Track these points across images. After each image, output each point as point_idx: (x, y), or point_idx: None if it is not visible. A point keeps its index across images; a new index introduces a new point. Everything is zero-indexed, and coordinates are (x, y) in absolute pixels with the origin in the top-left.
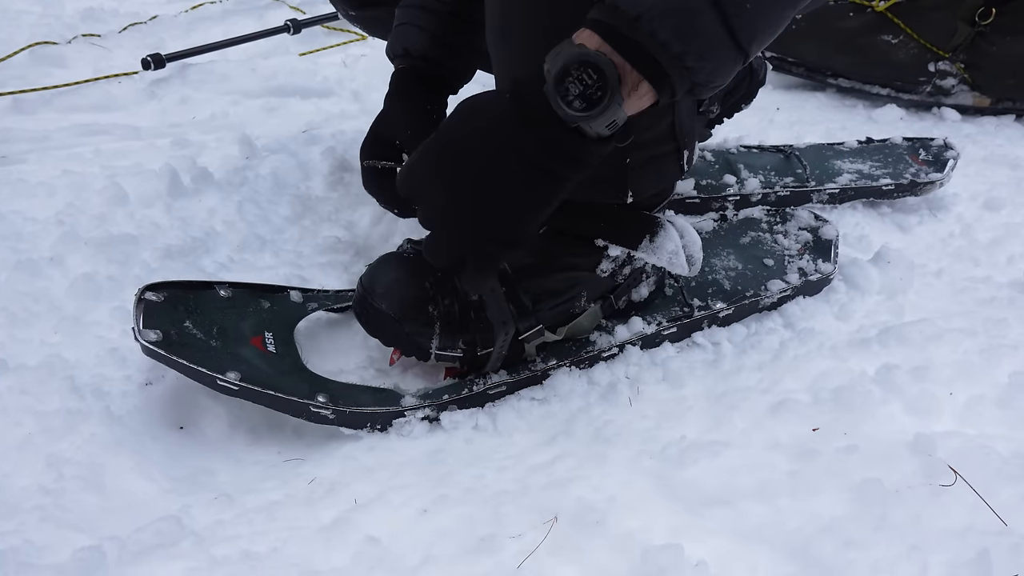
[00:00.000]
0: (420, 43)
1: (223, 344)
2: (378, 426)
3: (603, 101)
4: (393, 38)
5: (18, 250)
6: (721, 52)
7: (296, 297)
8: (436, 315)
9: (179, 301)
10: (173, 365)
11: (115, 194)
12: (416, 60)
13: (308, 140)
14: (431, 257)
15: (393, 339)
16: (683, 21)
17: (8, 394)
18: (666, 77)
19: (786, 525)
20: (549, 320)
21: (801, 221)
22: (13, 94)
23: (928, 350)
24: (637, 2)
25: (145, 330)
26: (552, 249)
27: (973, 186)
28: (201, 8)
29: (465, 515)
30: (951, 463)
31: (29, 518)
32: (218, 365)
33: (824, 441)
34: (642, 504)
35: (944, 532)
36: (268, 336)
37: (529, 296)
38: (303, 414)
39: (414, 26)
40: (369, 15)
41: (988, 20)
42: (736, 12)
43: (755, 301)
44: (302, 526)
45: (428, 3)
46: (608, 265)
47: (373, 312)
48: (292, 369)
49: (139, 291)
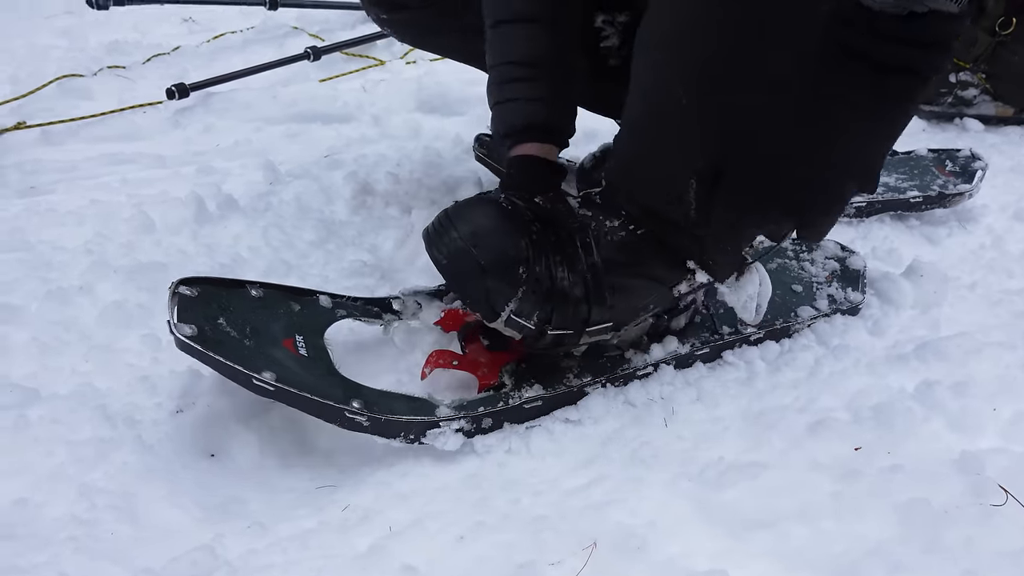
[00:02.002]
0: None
1: (256, 344)
2: (411, 436)
3: None
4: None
5: (48, 279)
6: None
7: (325, 302)
8: (524, 279)
9: (212, 298)
10: (209, 362)
11: (142, 222)
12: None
13: (330, 165)
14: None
15: (465, 285)
16: None
17: (40, 423)
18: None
19: (831, 548)
20: (617, 319)
21: (827, 251)
22: (42, 126)
23: (968, 365)
24: None
25: (180, 324)
26: (647, 254)
27: (1002, 197)
28: (223, 38)
29: (503, 542)
30: (1000, 482)
31: (63, 549)
32: (254, 364)
33: (866, 461)
34: (682, 528)
35: (998, 554)
36: (299, 339)
37: (609, 290)
38: (337, 419)
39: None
40: (400, 18)
41: (1009, 30)
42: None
43: (786, 327)
44: (337, 554)
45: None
46: (685, 287)
47: (459, 251)
48: (325, 373)
49: (173, 284)
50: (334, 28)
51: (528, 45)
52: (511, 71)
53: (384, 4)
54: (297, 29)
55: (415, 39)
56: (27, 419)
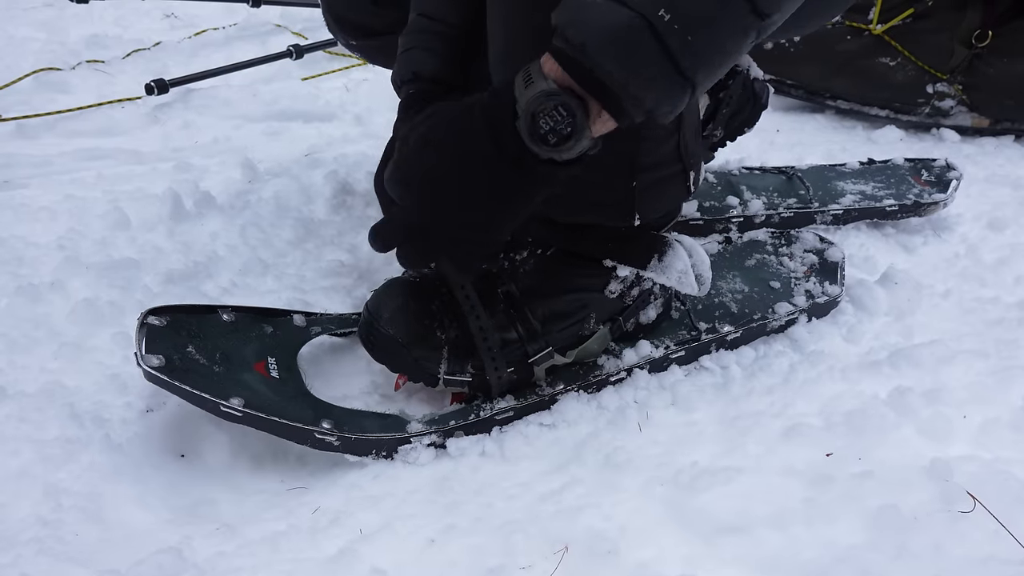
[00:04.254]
0: (431, 65)
1: (226, 369)
2: (383, 453)
3: (572, 137)
4: (400, 64)
5: (19, 275)
6: (665, 82)
7: (299, 321)
8: (444, 340)
9: (182, 326)
10: (176, 391)
11: (117, 219)
12: (426, 83)
13: (310, 164)
14: (404, 260)
15: (400, 365)
16: (623, 51)
17: (6, 422)
18: (620, 105)
19: (802, 554)
20: (559, 343)
21: (806, 243)
22: (17, 120)
23: (940, 372)
24: (582, 30)
25: (148, 355)
26: (561, 270)
27: (976, 206)
28: (204, 35)
29: (474, 545)
30: (969, 488)
31: (26, 551)
32: (222, 391)
33: (838, 466)
34: (655, 533)
35: (965, 560)
36: (271, 361)
37: (538, 318)
38: (308, 441)
39: (423, 49)
40: (371, 44)
41: (985, 42)
42: (676, 43)
43: (763, 324)
44: (306, 558)
45: (435, 26)
46: (617, 286)
47: (380, 338)
48: (296, 395)
49: (141, 315)
50: (317, 27)
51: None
52: (415, 23)
53: (351, 31)
54: (280, 27)
55: (386, 63)
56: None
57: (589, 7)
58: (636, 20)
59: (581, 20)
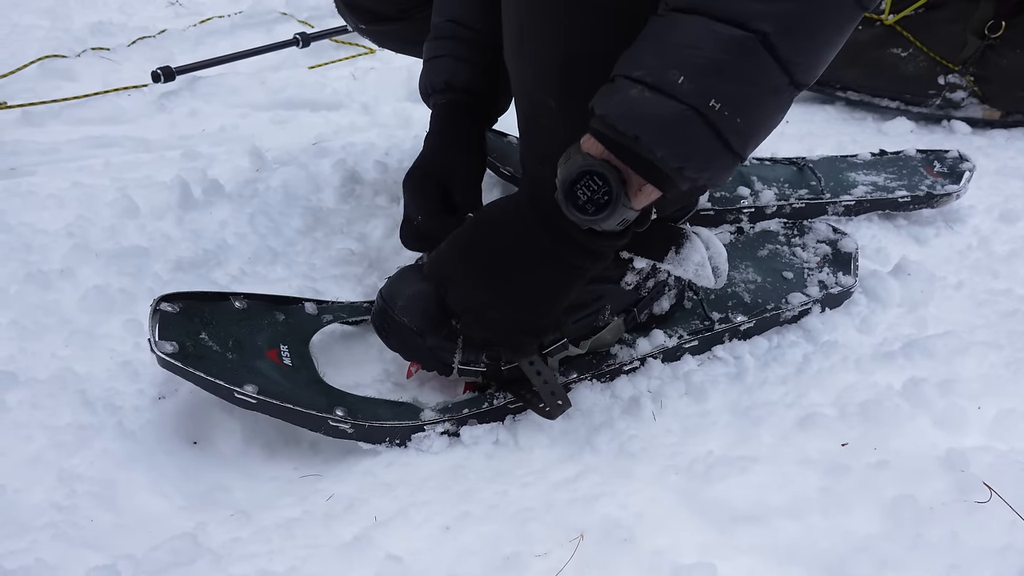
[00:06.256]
0: (464, 75)
1: (239, 356)
2: (397, 441)
3: (609, 206)
4: (430, 71)
5: (28, 262)
6: (718, 162)
7: (311, 309)
8: (459, 329)
9: (194, 313)
10: (190, 378)
11: (126, 206)
12: (459, 94)
13: (318, 152)
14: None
15: (414, 353)
16: (679, 140)
17: (19, 408)
18: (668, 180)
19: (819, 544)
20: (573, 333)
21: (819, 234)
22: (23, 107)
23: (954, 363)
24: (635, 124)
25: (161, 341)
26: None
27: (988, 198)
28: (210, 22)
29: (489, 533)
30: (985, 479)
31: (41, 536)
32: (235, 378)
33: (854, 456)
34: (670, 521)
35: (982, 550)
36: (283, 349)
37: None
38: (321, 428)
39: (455, 58)
40: (381, 29)
41: (998, 33)
42: (728, 128)
43: (776, 314)
44: (321, 544)
45: (465, 33)
46: (633, 277)
47: (394, 325)
48: (309, 382)
49: (154, 302)
50: (324, 15)
51: (467, 5)
52: (445, 28)
53: (361, 15)
54: (286, 15)
55: (396, 47)
56: (5, 404)
57: (638, 101)
58: (687, 112)
59: (633, 115)
